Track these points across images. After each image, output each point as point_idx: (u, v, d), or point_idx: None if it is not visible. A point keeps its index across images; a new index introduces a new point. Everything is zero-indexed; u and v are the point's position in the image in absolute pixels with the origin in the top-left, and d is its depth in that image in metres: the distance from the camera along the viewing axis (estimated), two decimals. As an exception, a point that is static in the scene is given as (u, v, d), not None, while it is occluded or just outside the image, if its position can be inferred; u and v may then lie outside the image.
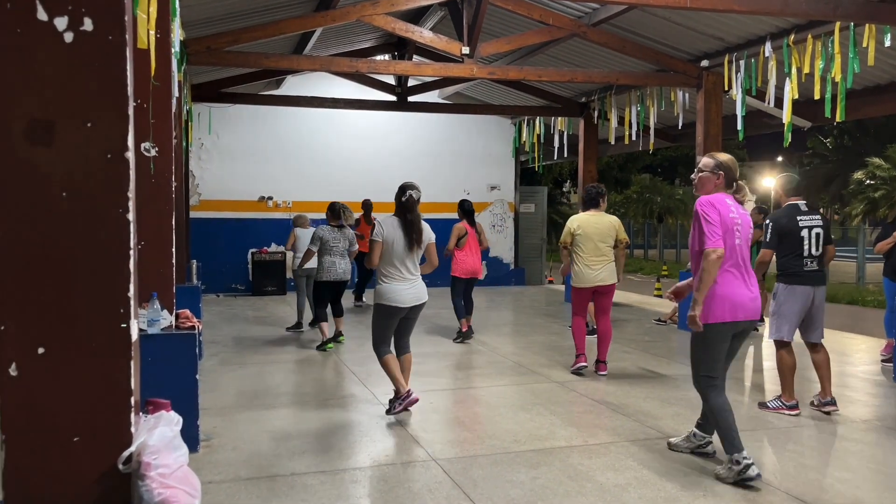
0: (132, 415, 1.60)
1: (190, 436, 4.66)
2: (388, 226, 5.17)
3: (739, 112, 8.57)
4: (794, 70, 7.76)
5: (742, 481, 3.97)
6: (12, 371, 1.50)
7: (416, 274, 5.29)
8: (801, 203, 5.49)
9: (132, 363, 1.56)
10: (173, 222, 4.66)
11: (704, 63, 9.10)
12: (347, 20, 7.86)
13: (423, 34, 8.31)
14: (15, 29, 1.52)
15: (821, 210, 16.28)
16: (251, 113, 13.24)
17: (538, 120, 13.36)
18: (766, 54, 8.03)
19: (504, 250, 15.39)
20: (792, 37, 7.74)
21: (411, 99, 11.80)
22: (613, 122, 10.96)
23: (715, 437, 4.40)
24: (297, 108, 12.84)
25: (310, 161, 13.88)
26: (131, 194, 1.57)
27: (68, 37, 1.52)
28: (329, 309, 8.18)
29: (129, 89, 1.57)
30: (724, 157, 4.29)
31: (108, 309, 1.55)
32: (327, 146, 13.97)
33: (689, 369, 4.52)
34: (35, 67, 1.55)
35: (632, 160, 34.85)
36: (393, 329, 5.31)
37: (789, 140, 8.28)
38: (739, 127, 8.66)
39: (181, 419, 1.75)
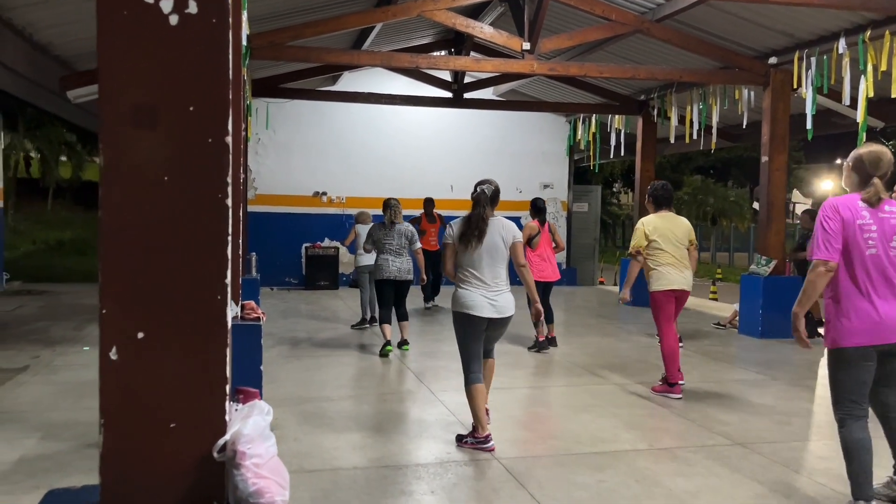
0: (227, 403, 1.58)
1: (253, 426, 4.73)
2: (457, 226, 4.68)
3: (809, 111, 8.28)
4: (869, 67, 7.45)
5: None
6: (112, 355, 1.49)
7: (499, 282, 4.60)
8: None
9: (227, 350, 1.54)
10: (241, 214, 4.70)
11: (773, 60, 8.82)
12: (408, 15, 7.84)
13: (483, 29, 8.24)
14: (121, 11, 1.51)
15: None
16: (308, 109, 13.36)
17: (594, 118, 13.17)
18: (840, 51, 7.73)
19: (556, 250, 15.23)
20: (868, 33, 7.43)
21: (467, 96, 11.74)
22: (674, 121, 10.72)
23: None
24: (351, 105, 12.92)
25: (364, 157, 13.95)
26: (230, 179, 1.54)
27: (173, 19, 1.50)
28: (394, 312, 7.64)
29: (230, 74, 1.54)
30: (863, 150, 3.59)
31: (206, 295, 1.53)
32: (381, 143, 14.03)
33: (753, 375, 4.28)
34: (140, 50, 1.54)
35: (685, 161, 34.15)
36: (476, 341, 4.62)
37: (864, 139, 7.95)
38: (809, 126, 8.37)
39: (272, 409, 1.73)
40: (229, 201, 1.64)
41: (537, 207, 7.99)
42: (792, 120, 9.04)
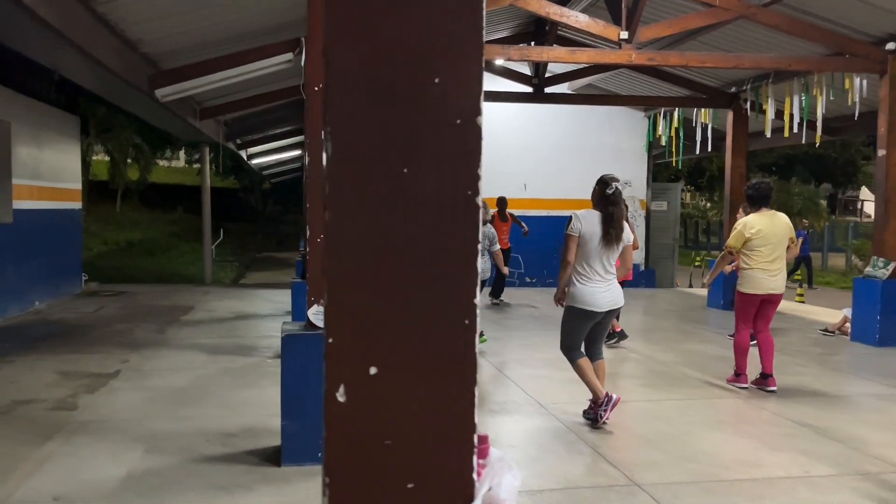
0: (474, 457, 1.22)
1: (366, 442, 4.41)
2: (586, 220, 4.72)
3: (935, 100, 7.59)
4: None
5: None
6: (340, 396, 1.14)
7: (613, 274, 4.81)
8: None
9: (475, 390, 1.18)
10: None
11: (890, 46, 8.13)
12: (500, 5, 7.48)
13: (577, 18, 7.80)
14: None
15: None
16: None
17: (677, 112, 12.55)
18: (976, 33, 7.04)
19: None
20: None
21: (548, 90, 11.29)
22: (770, 114, 10.06)
23: None
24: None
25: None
26: (481, 172, 1.18)
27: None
28: None
29: (483, 36, 1.18)
30: None
31: (453, 320, 1.17)
32: (453, 140, 13.66)
33: (883, 387, 3.80)
34: (374, 9, 1.18)
35: (751, 157, 32.88)
36: (585, 334, 4.85)
37: None
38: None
39: (514, 458, 1.36)
40: (479, 199, 1.28)
41: None
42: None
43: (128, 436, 4.70)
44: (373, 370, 1.25)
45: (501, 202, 11.03)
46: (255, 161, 19.45)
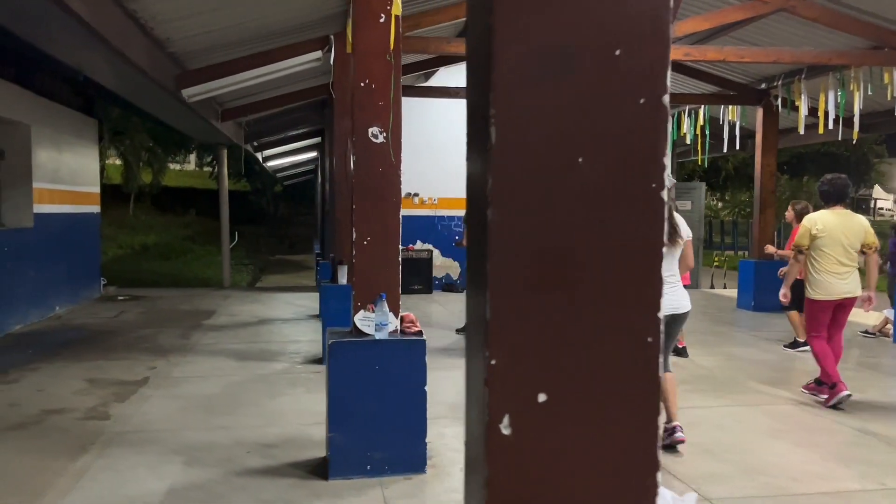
0: (659, 496, 1.01)
1: (417, 455, 4.21)
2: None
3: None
4: None
5: None
6: (504, 428, 0.94)
7: (675, 275, 4.59)
8: None
9: (658, 419, 0.98)
10: (400, 216, 4.19)
11: (934, 38, 7.89)
12: (533, 0, 7.24)
13: (612, 13, 7.57)
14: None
15: None
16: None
17: (703, 109, 12.30)
18: None
19: (656, 251, 14.39)
20: None
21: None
22: (803, 110, 9.81)
23: None
24: (443, 102, 12.36)
25: (457, 156, 13.41)
26: (667, 161, 0.98)
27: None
28: None
29: (671, 3, 0.98)
30: None
31: (634, 336, 0.97)
32: (474, 141, 13.46)
33: None
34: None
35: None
36: (672, 337, 4.74)
37: None
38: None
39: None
40: (664, 194, 1.08)
41: None
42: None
43: (165, 447, 4.52)
44: (542, 397, 1.05)
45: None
46: (270, 163, 19.32)
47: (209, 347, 7.75)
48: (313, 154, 19.48)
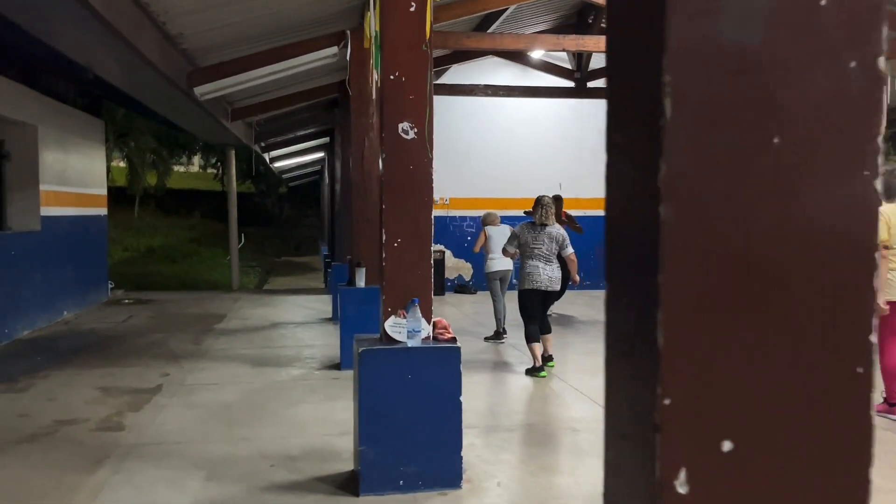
0: None
1: (452, 470, 3.97)
2: None
3: None
4: None
5: None
6: (680, 486, 0.70)
7: None
8: None
9: (870, 471, 0.74)
10: (432, 216, 3.96)
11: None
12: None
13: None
14: None
15: None
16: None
17: None
18: None
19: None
20: None
21: (591, 84, 10.82)
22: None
23: None
24: (454, 100, 12.13)
25: (467, 155, 13.19)
26: (882, 142, 0.74)
27: None
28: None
29: None
30: None
31: (842, 367, 0.73)
32: (484, 140, 13.23)
33: None
34: None
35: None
36: None
37: None
38: None
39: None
40: (878, 183, 0.85)
41: None
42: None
43: (184, 460, 4.29)
44: (727, 445, 0.82)
45: (557, 202, 10.27)
46: (276, 164, 19.11)
47: (222, 353, 7.53)
48: (320, 154, 19.26)
